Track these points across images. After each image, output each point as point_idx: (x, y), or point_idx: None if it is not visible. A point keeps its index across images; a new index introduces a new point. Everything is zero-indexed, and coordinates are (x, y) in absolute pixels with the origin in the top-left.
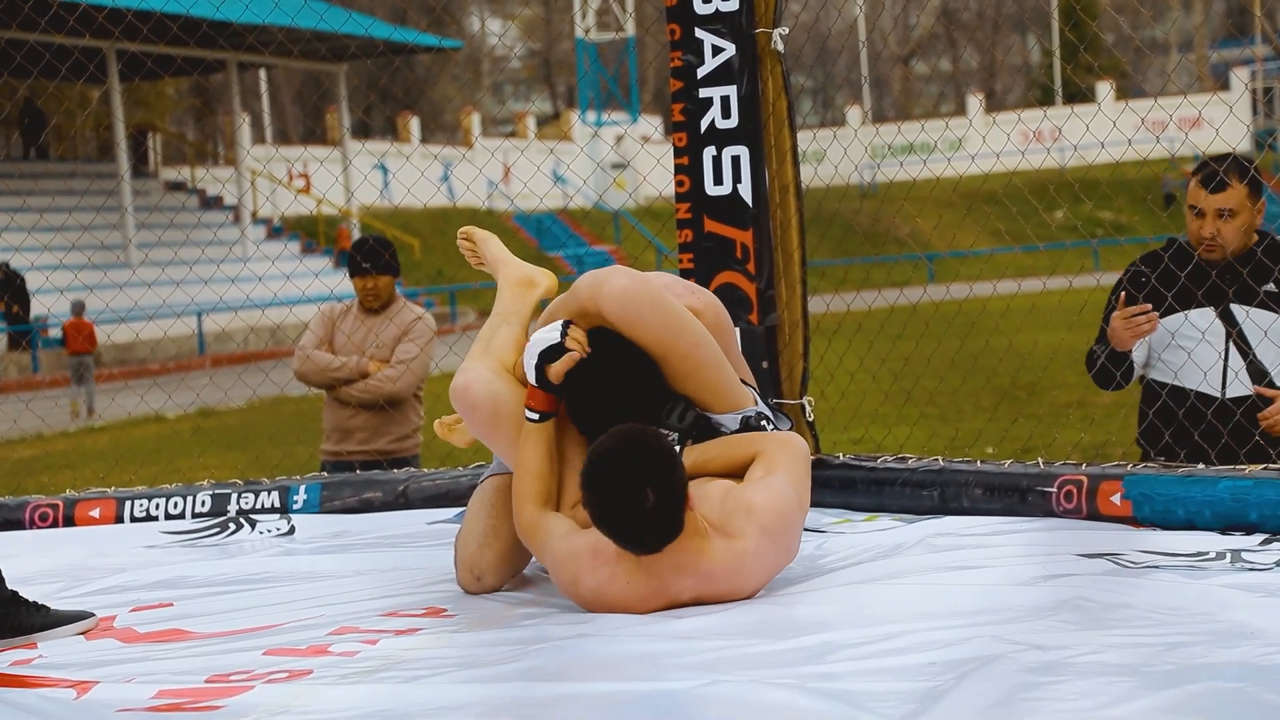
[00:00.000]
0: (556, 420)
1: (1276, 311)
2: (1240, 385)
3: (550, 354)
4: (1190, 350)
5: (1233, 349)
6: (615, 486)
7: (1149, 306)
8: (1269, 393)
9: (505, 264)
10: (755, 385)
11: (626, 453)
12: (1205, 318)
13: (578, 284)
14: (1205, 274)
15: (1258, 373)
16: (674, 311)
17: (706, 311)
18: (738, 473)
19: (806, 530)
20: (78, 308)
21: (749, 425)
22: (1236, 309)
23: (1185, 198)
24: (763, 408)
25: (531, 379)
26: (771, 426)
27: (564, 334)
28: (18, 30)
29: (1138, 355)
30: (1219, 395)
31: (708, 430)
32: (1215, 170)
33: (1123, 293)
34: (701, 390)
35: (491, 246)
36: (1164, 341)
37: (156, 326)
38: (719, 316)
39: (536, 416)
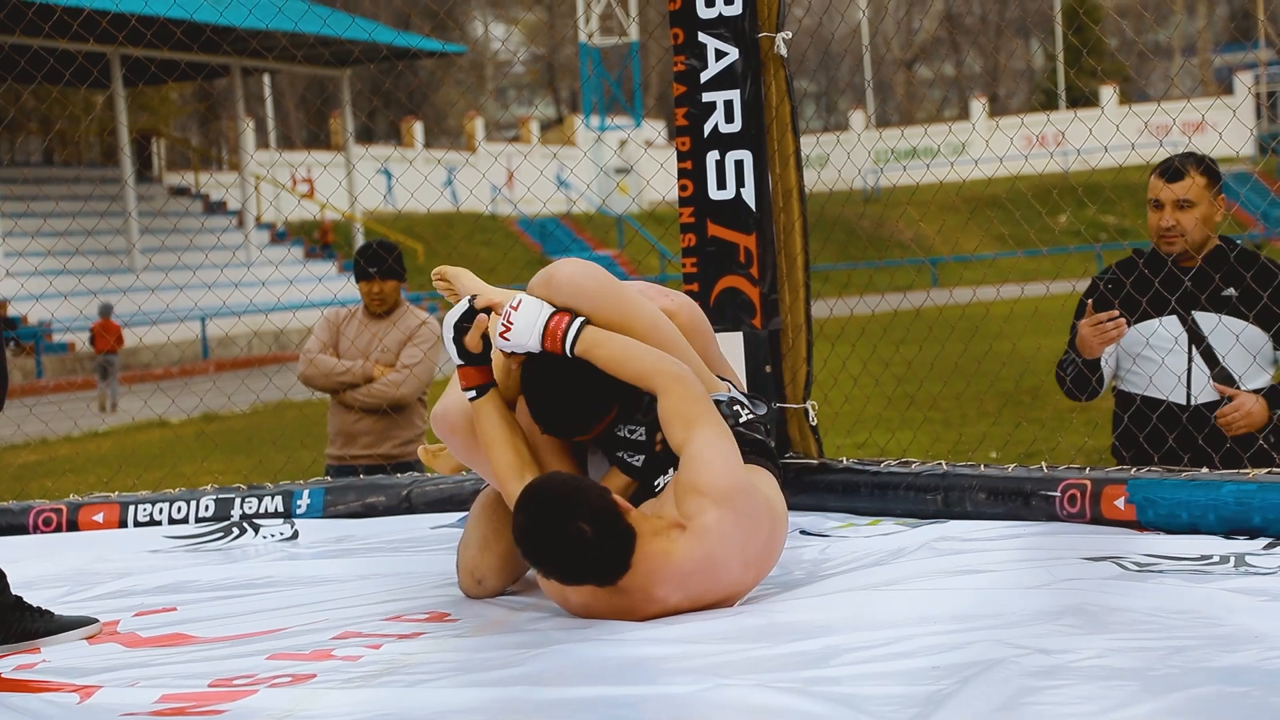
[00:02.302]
0: (532, 439)
1: (1241, 317)
2: (1209, 391)
3: (462, 327)
4: (1155, 359)
5: (1197, 355)
6: (554, 544)
7: (1117, 313)
8: (1228, 390)
9: (481, 292)
10: (737, 382)
11: (543, 508)
12: (1171, 325)
13: (531, 283)
14: (1170, 282)
15: (1224, 377)
16: (625, 295)
17: (680, 313)
18: (636, 382)
19: (809, 534)
20: (105, 309)
21: (721, 409)
22: (1202, 316)
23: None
24: (737, 395)
25: (455, 358)
26: (748, 413)
27: (471, 301)
28: (21, 35)
29: (1107, 365)
30: (1186, 402)
31: None
32: (1173, 161)
33: (1090, 300)
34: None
35: (465, 280)
36: (1132, 349)
37: (160, 331)
38: (694, 317)
39: (474, 393)
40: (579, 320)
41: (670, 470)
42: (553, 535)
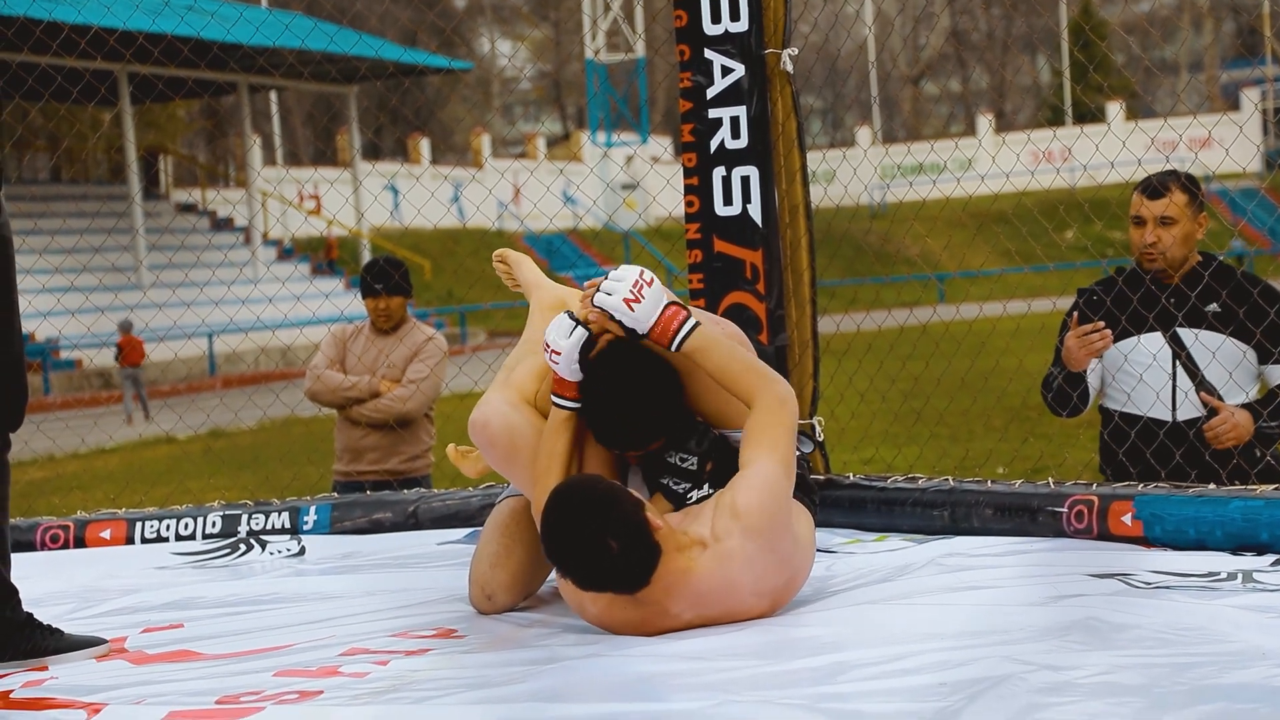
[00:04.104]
0: (580, 440)
1: (1222, 332)
2: (1191, 407)
3: (589, 346)
4: (1139, 374)
5: (1181, 371)
6: (579, 551)
7: (1102, 324)
8: (1214, 402)
9: (538, 288)
10: None
11: (574, 515)
12: (1153, 342)
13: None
14: (1153, 299)
15: (1209, 391)
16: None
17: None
18: (735, 391)
19: (817, 550)
20: (126, 325)
21: None
22: (1184, 331)
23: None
24: None
25: (569, 371)
26: (795, 451)
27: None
28: (29, 54)
29: (1093, 381)
30: (1170, 418)
31: (724, 450)
32: (1156, 179)
33: (1075, 313)
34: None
35: (525, 269)
36: (1115, 366)
37: (167, 348)
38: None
39: (566, 404)
40: (694, 320)
41: (707, 486)
42: (578, 540)
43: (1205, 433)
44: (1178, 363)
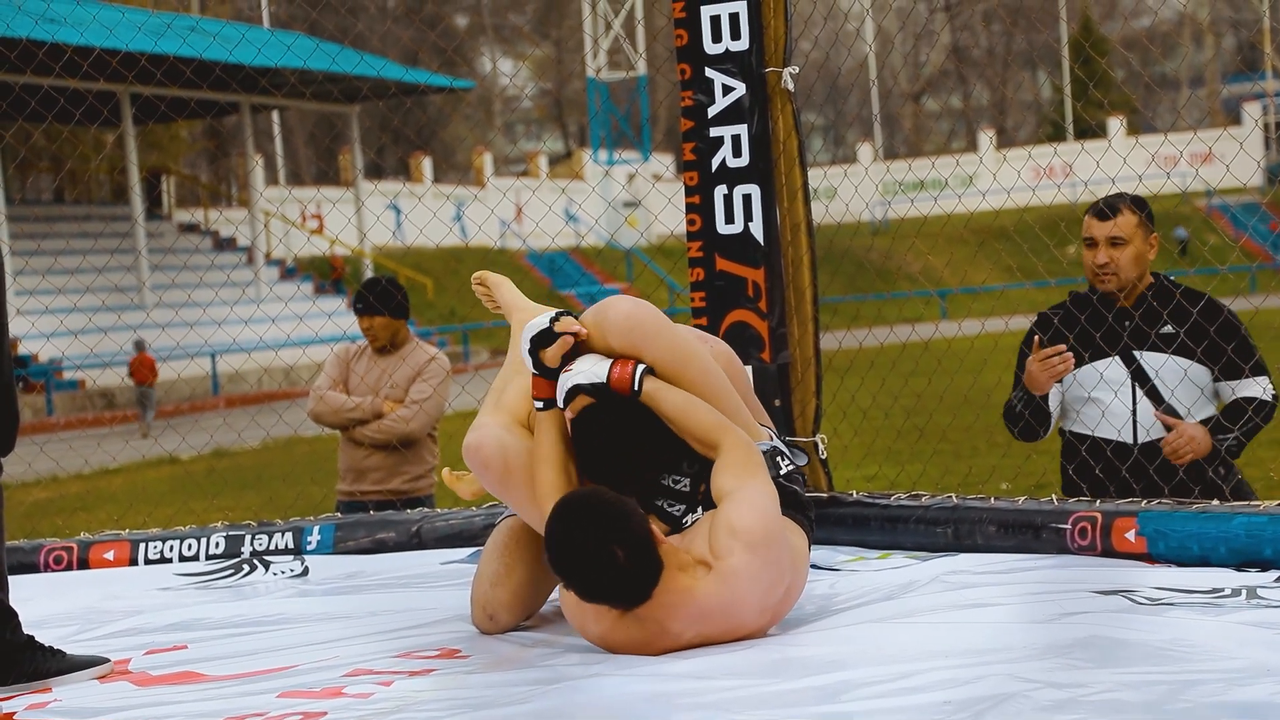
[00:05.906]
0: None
1: (1178, 354)
2: (1153, 428)
3: (541, 339)
4: (1100, 399)
5: (1140, 394)
6: (585, 560)
7: (1063, 347)
8: (1169, 420)
9: (519, 309)
10: (772, 426)
11: (581, 524)
12: (1112, 366)
13: (583, 317)
14: (1109, 322)
15: (1167, 410)
16: (680, 336)
17: (720, 358)
18: (694, 437)
19: (820, 568)
20: (140, 344)
21: (764, 458)
22: (1141, 354)
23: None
24: (779, 444)
25: (530, 368)
26: (789, 464)
27: (553, 321)
28: (33, 76)
29: (1054, 406)
30: (1131, 441)
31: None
32: (1106, 200)
33: (1036, 336)
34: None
35: (504, 291)
36: (1075, 392)
37: (170, 368)
38: (733, 365)
39: (542, 404)
40: (643, 366)
41: (700, 509)
42: (584, 550)
43: (1163, 448)
44: (1138, 386)
